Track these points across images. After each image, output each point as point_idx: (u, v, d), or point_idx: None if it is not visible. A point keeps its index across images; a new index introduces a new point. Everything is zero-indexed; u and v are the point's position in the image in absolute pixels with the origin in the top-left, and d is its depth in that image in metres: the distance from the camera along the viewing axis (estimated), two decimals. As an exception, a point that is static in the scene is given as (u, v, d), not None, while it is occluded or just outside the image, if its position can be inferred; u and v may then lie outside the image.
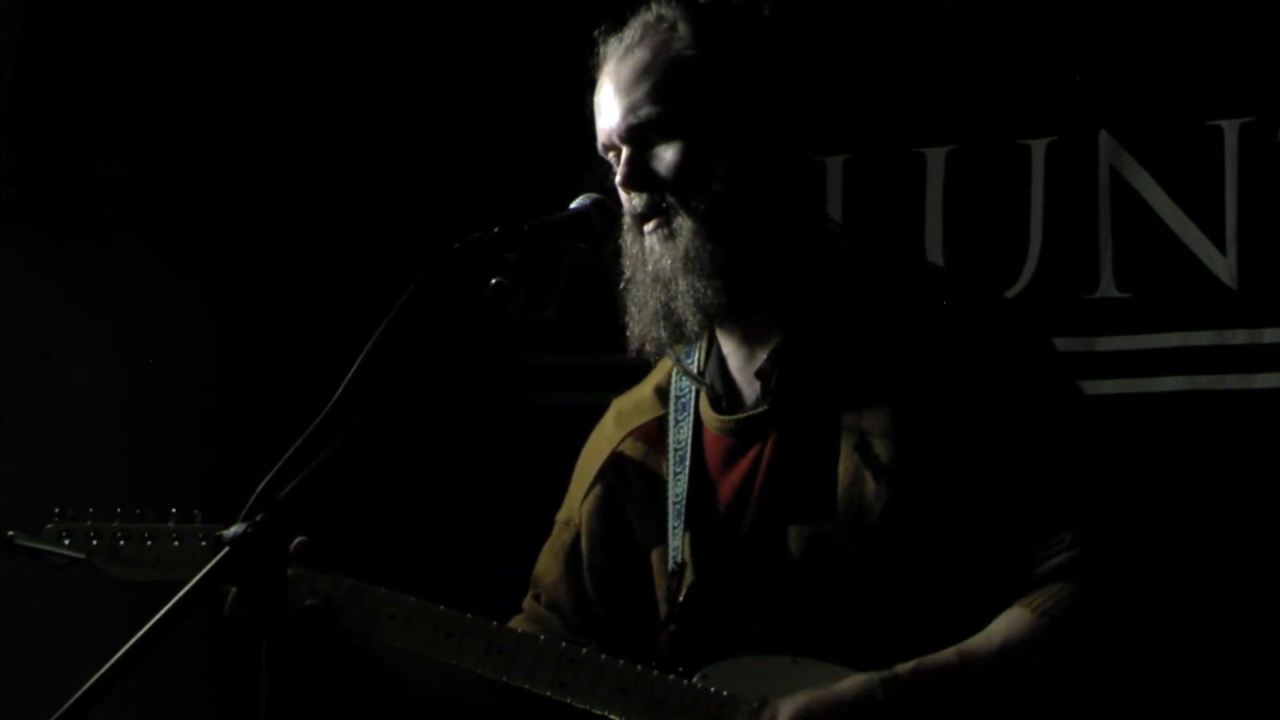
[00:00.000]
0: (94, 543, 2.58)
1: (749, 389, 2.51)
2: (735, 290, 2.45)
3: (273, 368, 4.24)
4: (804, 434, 2.44)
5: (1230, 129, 3.40)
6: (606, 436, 2.65)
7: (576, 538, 2.64)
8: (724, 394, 2.53)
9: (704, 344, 2.59)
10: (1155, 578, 2.44)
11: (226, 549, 2.09)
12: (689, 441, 2.53)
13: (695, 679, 2.40)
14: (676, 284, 2.44)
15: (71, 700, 1.98)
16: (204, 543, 2.54)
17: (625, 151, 2.46)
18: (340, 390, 2.15)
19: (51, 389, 3.95)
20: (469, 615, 2.50)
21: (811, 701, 2.33)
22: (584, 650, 2.45)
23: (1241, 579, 3.34)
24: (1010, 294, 3.56)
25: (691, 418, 2.55)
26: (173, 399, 4.11)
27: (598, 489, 2.61)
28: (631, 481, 2.59)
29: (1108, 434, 2.51)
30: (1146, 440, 3.43)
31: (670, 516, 2.51)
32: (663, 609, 2.50)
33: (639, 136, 2.45)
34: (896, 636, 2.35)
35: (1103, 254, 3.50)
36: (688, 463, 2.52)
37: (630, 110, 2.45)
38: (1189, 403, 3.42)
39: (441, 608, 2.51)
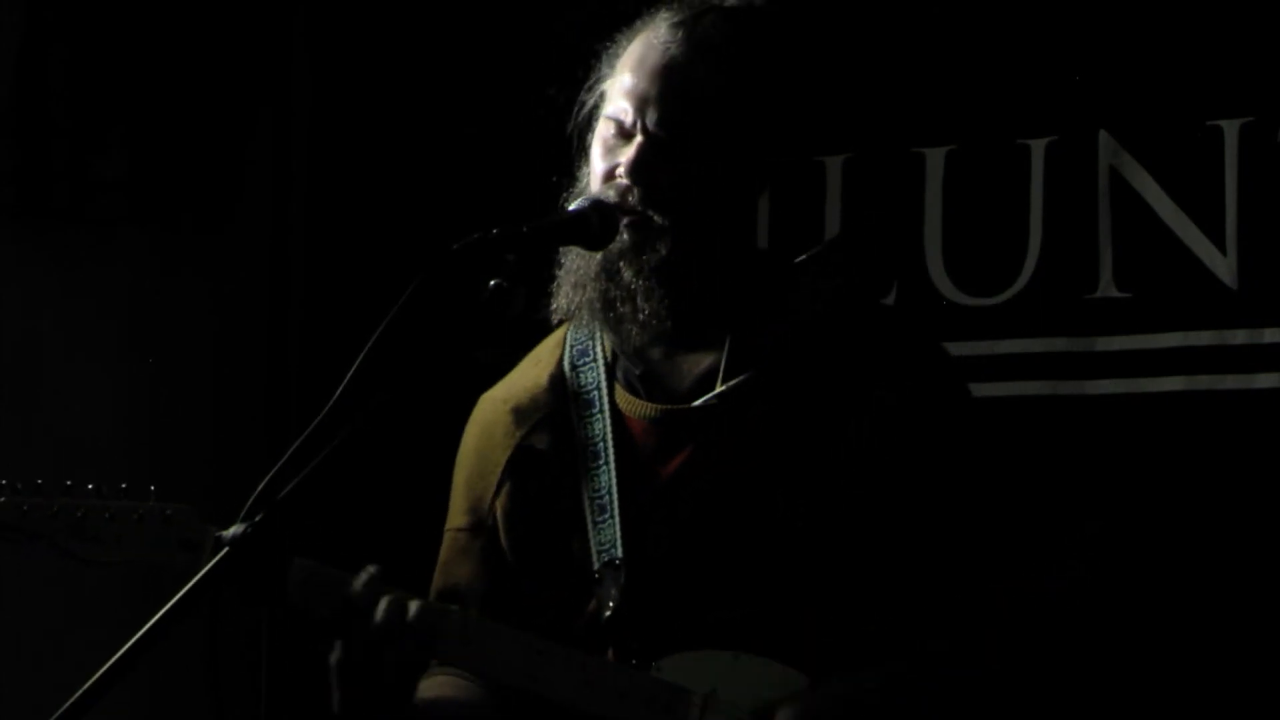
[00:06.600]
0: (53, 517, 2.36)
1: (678, 378, 2.49)
2: (686, 312, 2.44)
3: (273, 368, 4.24)
4: (751, 431, 2.42)
5: (1230, 129, 3.40)
6: (505, 431, 2.58)
7: (493, 539, 2.57)
8: (642, 377, 2.51)
9: None
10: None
11: (226, 549, 2.10)
12: (606, 434, 2.50)
13: (653, 670, 2.39)
14: (632, 291, 2.43)
15: (71, 700, 1.98)
16: (169, 513, 2.37)
17: (640, 141, 2.43)
18: (340, 390, 2.14)
19: (51, 390, 3.95)
20: (440, 606, 2.46)
21: (809, 708, 2.33)
22: (550, 643, 2.42)
23: (1242, 579, 3.34)
24: (1010, 294, 3.57)
25: (606, 409, 2.51)
26: (172, 399, 4.11)
27: (508, 485, 2.55)
28: (543, 474, 2.54)
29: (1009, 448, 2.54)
30: (1146, 440, 3.44)
31: (590, 510, 2.48)
32: (591, 603, 2.47)
33: (659, 137, 2.42)
34: (839, 632, 2.37)
35: (1102, 254, 3.50)
36: (608, 456, 2.48)
37: (658, 106, 2.42)
38: (1189, 403, 3.42)
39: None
